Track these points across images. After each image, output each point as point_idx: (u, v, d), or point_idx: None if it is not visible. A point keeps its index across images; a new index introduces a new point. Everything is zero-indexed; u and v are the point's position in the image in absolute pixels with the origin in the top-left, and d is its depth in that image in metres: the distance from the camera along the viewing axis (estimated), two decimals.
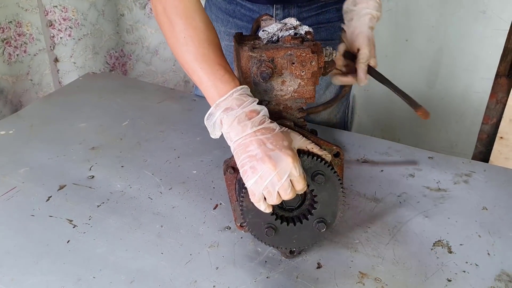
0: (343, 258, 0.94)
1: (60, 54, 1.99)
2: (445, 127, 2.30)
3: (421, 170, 1.18)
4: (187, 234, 0.96)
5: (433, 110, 2.27)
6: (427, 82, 2.26)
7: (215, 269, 0.89)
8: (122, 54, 2.22)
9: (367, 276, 0.90)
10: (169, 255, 0.91)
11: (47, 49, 1.93)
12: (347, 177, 1.14)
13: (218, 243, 0.94)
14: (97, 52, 2.11)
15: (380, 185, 1.12)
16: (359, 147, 1.25)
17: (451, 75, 2.21)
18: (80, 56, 2.04)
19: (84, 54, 2.06)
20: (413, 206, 1.06)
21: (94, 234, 0.95)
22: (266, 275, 0.89)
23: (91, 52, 2.08)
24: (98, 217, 0.99)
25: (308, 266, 0.92)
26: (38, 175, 1.12)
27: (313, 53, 0.83)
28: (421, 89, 2.26)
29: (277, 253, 0.94)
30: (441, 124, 2.30)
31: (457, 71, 2.19)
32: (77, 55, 2.03)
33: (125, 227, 0.97)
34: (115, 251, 0.91)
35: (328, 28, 1.28)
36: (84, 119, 1.35)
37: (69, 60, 2.02)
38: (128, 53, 2.23)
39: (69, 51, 2.01)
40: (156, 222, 0.98)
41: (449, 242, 0.98)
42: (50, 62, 1.96)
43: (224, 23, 1.31)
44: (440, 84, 2.24)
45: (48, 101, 1.47)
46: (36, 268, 0.87)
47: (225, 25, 1.31)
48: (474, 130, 2.26)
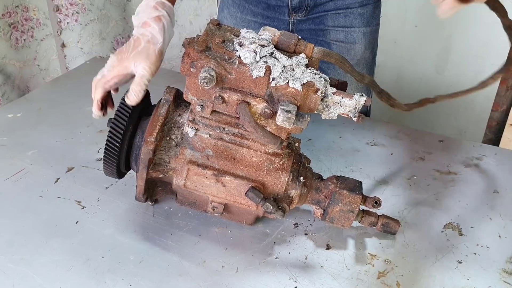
0: (353, 240, 0.93)
1: (67, 40, 1.98)
2: (454, 114, 2.28)
3: (431, 153, 1.17)
4: (196, 215, 0.95)
5: None
6: (436, 69, 2.23)
7: (224, 250, 0.88)
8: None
9: (376, 258, 0.89)
10: (178, 235, 0.90)
11: (54, 34, 1.91)
12: (356, 160, 1.13)
13: (227, 224, 0.93)
14: (104, 37, 2.10)
15: (390, 168, 1.11)
16: (368, 131, 1.24)
17: (461, 61, 2.18)
18: (87, 41, 2.03)
19: (91, 40, 2.04)
20: (423, 189, 1.05)
21: (103, 215, 0.94)
22: (275, 255, 0.89)
23: (98, 37, 2.06)
24: (106, 199, 0.98)
25: (317, 247, 0.91)
26: (46, 157, 1.10)
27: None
28: (431, 76, 2.24)
29: (286, 234, 0.93)
30: (450, 111, 2.28)
31: (467, 57, 2.16)
32: (84, 41, 2.01)
33: (134, 209, 0.95)
34: (123, 232, 0.90)
35: (347, 14, 1.26)
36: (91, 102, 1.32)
37: (76, 46, 2.00)
38: None
39: (76, 36, 1.99)
40: (164, 204, 0.97)
41: (460, 225, 0.97)
42: (57, 47, 1.95)
43: (240, 9, 1.30)
44: (450, 70, 2.22)
45: (55, 84, 1.46)
46: (45, 248, 0.86)
47: (241, 11, 1.30)
48: (484, 117, 2.23)
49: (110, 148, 0.85)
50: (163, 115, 0.85)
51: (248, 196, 0.83)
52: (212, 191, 0.84)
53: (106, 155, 0.86)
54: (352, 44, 1.29)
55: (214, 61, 0.75)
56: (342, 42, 1.29)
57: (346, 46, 1.29)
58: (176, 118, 0.88)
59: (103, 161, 0.88)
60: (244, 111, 0.76)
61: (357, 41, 1.28)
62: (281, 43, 0.79)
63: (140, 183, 0.86)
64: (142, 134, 0.87)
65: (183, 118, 0.88)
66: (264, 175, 0.84)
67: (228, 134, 0.83)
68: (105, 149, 0.86)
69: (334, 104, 0.78)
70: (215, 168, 0.83)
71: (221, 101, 0.77)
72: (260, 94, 0.77)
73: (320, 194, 0.90)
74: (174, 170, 0.85)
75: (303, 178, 0.88)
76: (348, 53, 1.29)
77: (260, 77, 0.75)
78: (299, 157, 0.91)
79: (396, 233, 0.93)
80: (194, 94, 0.79)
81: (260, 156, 0.84)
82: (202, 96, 0.78)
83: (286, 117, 0.73)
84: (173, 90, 0.88)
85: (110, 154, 0.86)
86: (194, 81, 0.77)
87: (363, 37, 1.28)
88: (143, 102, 0.90)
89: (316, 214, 0.93)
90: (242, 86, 0.77)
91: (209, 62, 0.74)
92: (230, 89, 0.77)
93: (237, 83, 0.76)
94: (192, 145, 0.85)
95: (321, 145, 1.17)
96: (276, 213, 0.85)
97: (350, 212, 0.88)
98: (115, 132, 0.85)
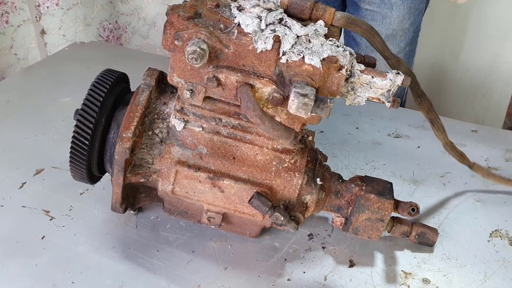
0: (381, 254, 0.78)
1: (47, 26, 1.83)
2: (470, 101, 2.11)
3: (464, 145, 1.01)
4: (189, 226, 0.81)
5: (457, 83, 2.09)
6: (451, 53, 2.07)
7: (223, 270, 0.74)
8: (117, 26, 2.05)
9: (412, 276, 0.73)
10: (167, 252, 0.76)
11: (32, 20, 1.77)
12: (377, 155, 0.97)
13: (227, 237, 0.79)
14: (89, 23, 1.95)
15: (419, 164, 0.96)
16: (389, 120, 1.08)
17: (478, 43, 2.01)
18: (70, 28, 1.89)
19: (74, 26, 1.90)
20: (460, 188, 0.90)
21: (75, 228, 0.80)
22: (286, 276, 0.73)
23: (82, 23, 1.92)
24: (80, 207, 0.84)
25: (338, 264, 0.76)
26: (11, 158, 0.95)
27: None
28: (445, 60, 2.07)
29: (299, 248, 0.77)
30: (466, 99, 2.11)
31: (484, 39, 1.99)
32: (66, 27, 1.87)
33: (113, 219, 0.82)
34: (100, 248, 0.77)
35: None
36: (68, 92, 1.19)
37: (57, 33, 1.86)
38: (123, 25, 2.06)
39: (57, 22, 1.85)
40: (150, 213, 0.83)
41: (509, 232, 0.81)
42: (36, 34, 1.81)
43: None
44: (466, 54, 2.05)
45: (28, 73, 1.31)
46: (1, 271, 0.72)
47: None
48: (503, 104, 2.07)
49: (78, 146, 0.69)
50: (143, 104, 0.68)
51: (252, 205, 0.67)
52: (208, 198, 0.70)
53: (73, 155, 0.70)
54: (388, 9, 1.10)
55: (206, 30, 0.57)
56: (375, 4, 1.08)
57: (380, 13, 1.10)
58: (160, 108, 0.71)
59: (69, 162, 0.72)
60: (247, 96, 0.58)
61: (394, 7, 1.09)
62: (293, 7, 0.61)
63: (116, 190, 0.70)
64: (118, 129, 0.70)
65: (168, 107, 0.71)
66: (272, 177, 0.69)
67: (226, 126, 0.67)
68: (72, 148, 0.69)
69: (362, 85, 0.61)
70: (211, 170, 0.69)
71: (216, 84, 0.60)
72: (267, 73, 0.59)
73: (341, 199, 0.73)
74: (159, 173, 0.69)
75: (320, 180, 0.71)
76: (382, 21, 1.10)
77: (267, 51, 0.58)
78: (314, 153, 0.75)
79: (433, 244, 0.77)
80: (181, 75, 0.61)
81: (267, 154, 0.68)
82: (192, 78, 0.61)
83: (302, 102, 0.55)
84: (156, 72, 0.71)
85: (78, 154, 0.70)
86: (180, 58, 0.60)
87: (402, 3, 1.09)
88: (119, 88, 0.73)
89: (336, 223, 0.76)
90: (243, 63, 0.59)
91: (198, 32, 0.57)
92: (228, 68, 0.59)
93: (236, 60, 0.59)
94: (180, 142, 0.68)
95: (335, 138, 1.04)
96: (288, 225, 0.68)
97: (379, 221, 0.71)
98: (83, 126, 0.69)
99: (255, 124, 0.59)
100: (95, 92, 0.70)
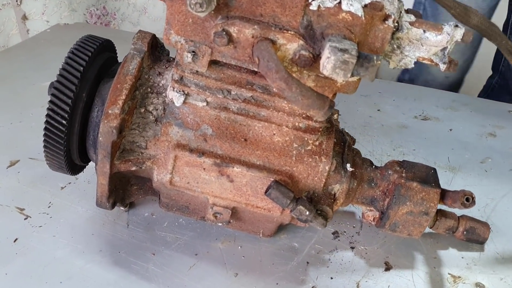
0: (422, 255, 0.67)
1: (29, 11, 1.71)
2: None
3: (503, 127, 0.91)
4: (190, 224, 0.71)
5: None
6: None
7: (234, 276, 0.63)
8: (105, 12, 1.94)
9: (462, 281, 0.63)
10: (164, 256, 0.66)
11: (12, 4, 1.66)
12: (405, 139, 0.86)
13: (236, 237, 0.68)
14: (75, 9, 1.83)
15: (453, 148, 0.87)
16: (414, 101, 0.98)
17: None
18: (54, 13, 1.79)
19: (59, 11, 1.78)
20: (505, 175, 0.81)
21: (55, 228, 0.70)
22: (310, 283, 0.62)
23: (67, 8, 1.81)
24: (61, 203, 0.75)
25: (372, 267, 0.66)
26: None
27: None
28: None
29: (323, 248, 0.65)
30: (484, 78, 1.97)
31: None
32: (50, 12, 1.75)
33: (100, 217, 0.72)
34: (83, 253, 0.67)
35: None
36: (49, 77, 1.06)
37: (40, 18, 1.74)
38: (112, 11, 1.95)
39: (40, 6, 1.73)
40: (144, 209, 0.74)
41: None
42: (17, 20, 1.69)
43: None
44: None
45: (5, 56, 1.23)
46: None
47: None
48: None
49: (53, 127, 0.58)
50: (133, 73, 0.55)
51: (270, 196, 0.56)
52: (214, 190, 0.59)
53: (48, 139, 0.58)
54: None
55: None
56: None
57: None
58: (154, 79, 0.58)
59: (44, 147, 0.59)
60: (267, 54, 0.45)
61: None
62: None
63: (101, 181, 0.57)
64: (103, 105, 0.57)
65: (164, 79, 0.59)
66: (292, 162, 0.58)
67: (236, 100, 0.55)
68: (46, 129, 0.57)
69: (412, 42, 0.48)
70: (217, 155, 0.57)
71: (227, 41, 0.47)
72: (292, 25, 0.47)
73: (376, 188, 0.61)
74: (154, 159, 0.57)
75: (350, 166, 0.58)
76: None
77: None
78: (341, 134, 0.62)
79: (485, 241, 0.65)
80: (180, 32, 0.49)
81: (286, 134, 0.56)
82: (194, 35, 0.49)
83: (341, 60, 0.42)
84: (148, 35, 0.58)
85: (54, 137, 0.58)
86: (180, 8, 0.47)
87: None
88: (104, 57, 0.61)
89: (368, 218, 0.64)
90: (260, 12, 0.47)
91: None
92: (241, 19, 0.47)
93: (252, 8, 0.46)
94: (180, 120, 0.56)
95: (355, 121, 0.95)
96: (315, 221, 0.56)
97: (423, 214, 0.59)
98: (59, 102, 0.57)
99: (278, 90, 0.46)
100: (74, 61, 0.58)
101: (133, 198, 0.68)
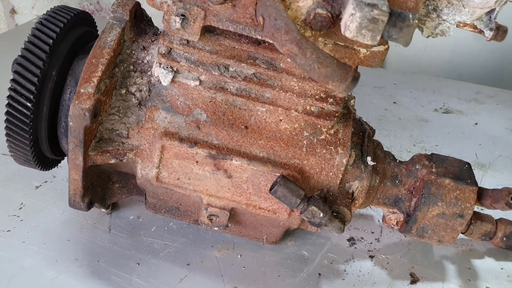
0: (453, 265, 0.61)
1: (18, 5, 1.72)
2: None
3: None
4: (182, 228, 0.65)
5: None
6: None
7: None
8: (99, 7, 1.90)
9: None
10: (151, 266, 0.60)
11: None
12: (426, 134, 0.82)
13: (235, 244, 0.63)
14: (67, 3, 1.76)
15: (481, 144, 0.82)
16: (434, 93, 0.93)
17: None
18: (45, 7, 1.79)
19: (50, 5, 1.74)
20: None
21: (25, 232, 0.65)
22: None
23: (58, 2, 1.75)
24: (34, 204, 0.69)
25: (395, 279, 0.59)
26: None
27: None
28: None
29: (337, 258, 0.58)
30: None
31: None
32: (40, 6, 1.74)
33: (77, 221, 0.66)
34: (58, 262, 0.61)
35: None
36: None
37: (30, 12, 1.73)
38: (107, 6, 1.91)
39: (29, 0, 1.73)
40: (128, 211, 0.67)
41: None
42: (6, 14, 1.70)
43: None
44: None
45: None
46: None
47: None
48: None
49: (16, 110, 0.49)
50: (112, 47, 0.47)
51: (276, 195, 0.48)
52: (208, 188, 0.52)
53: (10, 125, 0.49)
54: None
55: None
56: None
57: None
58: (138, 54, 0.50)
59: (6, 136, 0.51)
60: (275, 11, 0.37)
61: None
62: None
63: (74, 175, 0.49)
64: (76, 85, 0.48)
65: (150, 54, 0.51)
66: (303, 154, 0.50)
67: (235, 78, 0.47)
68: (8, 113, 0.49)
69: (451, 3, 0.39)
70: (212, 145, 0.51)
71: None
72: None
73: (400, 186, 0.53)
74: (138, 150, 0.50)
75: (371, 160, 0.50)
76: None
77: None
78: (359, 123, 0.53)
79: None
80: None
81: (295, 120, 0.48)
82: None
83: (369, 18, 0.33)
84: (131, 3, 0.49)
85: (17, 123, 0.49)
86: None
87: None
88: (80, 31, 0.52)
89: (390, 222, 0.56)
90: None
91: None
92: None
93: None
94: (168, 103, 0.48)
95: (370, 114, 0.89)
96: (330, 225, 0.47)
97: (457, 217, 0.51)
98: (24, 82, 0.48)
99: (289, 56, 0.37)
100: (42, 32, 0.49)
101: (116, 198, 0.60)
